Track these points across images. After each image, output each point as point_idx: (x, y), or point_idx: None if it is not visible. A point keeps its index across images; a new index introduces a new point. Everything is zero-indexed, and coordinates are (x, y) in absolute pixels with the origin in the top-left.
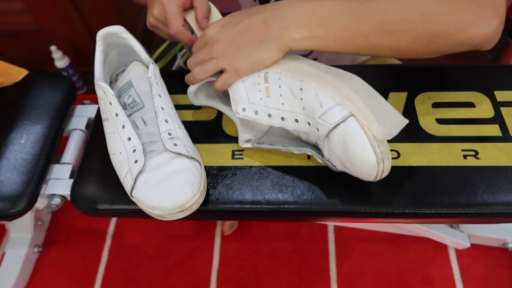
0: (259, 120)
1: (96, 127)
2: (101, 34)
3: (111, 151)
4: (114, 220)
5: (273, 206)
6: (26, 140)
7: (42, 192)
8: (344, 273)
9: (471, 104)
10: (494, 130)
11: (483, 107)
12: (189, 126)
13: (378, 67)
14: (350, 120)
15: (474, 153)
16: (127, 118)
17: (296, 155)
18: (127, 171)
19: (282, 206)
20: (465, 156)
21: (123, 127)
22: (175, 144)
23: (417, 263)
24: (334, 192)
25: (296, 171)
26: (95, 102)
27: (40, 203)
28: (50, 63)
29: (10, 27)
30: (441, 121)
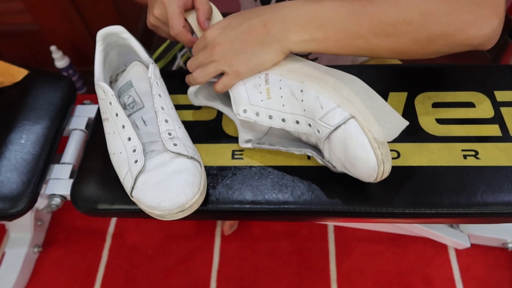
0: (260, 122)
1: (96, 127)
2: (101, 34)
3: (111, 151)
4: (114, 220)
5: (273, 206)
6: (26, 140)
7: (42, 192)
8: (344, 273)
9: (471, 104)
10: (494, 130)
11: (483, 107)
12: (189, 126)
13: (378, 67)
14: (350, 122)
15: (474, 153)
16: (127, 118)
17: (296, 155)
18: (127, 171)
19: (282, 206)
20: (465, 156)
21: (123, 127)
22: (175, 144)
23: (417, 263)
24: (334, 192)
25: (296, 171)
26: (95, 102)
27: (40, 203)
28: (50, 63)
29: (10, 27)
30: (441, 121)
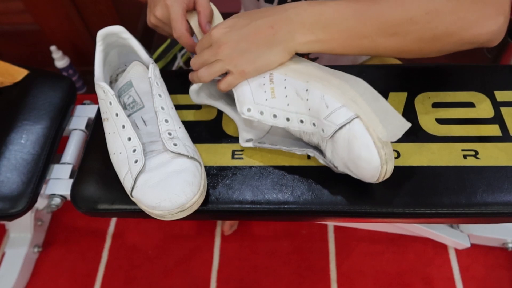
0: (264, 121)
1: (96, 127)
2: (101, 34)
3: (111, 151)
4: (114, 220)
5: (273, 206)
6: (26, 140)
7: (42, 192)
8: (344, 273)
9: (471, 104)
10: (494, 130)
11: (483, 107)
12: (189, 126)
13: (378, 67)
14: (355, 121)
15: (474, 153)
16: (127, 118)
17: (296, 155)
18: (127, 171)
19: (282, 206)
20: (465, 156)
21: (123, 127)
22: (175, 144)
23: (417, 263)
24: (334, 192)
25: (296, 171)
26: (95, 102)
27: (40, 203)
28: (50, 63)
29: (10, 27)
30: (441, 121)
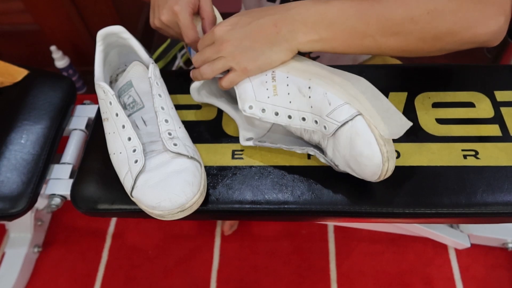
0: (266, 118)
1: (96, 127)
2: (101, 34)
3: (111, 151)
4: (114, 220)
5: (273, 206)
6: (26, 140)
7: (42, 192)
8: (344, 273)
9: (471, 104)
10: (494, 130)
11: (483, 107)
12: (189, 126)
13: (378, 67)
14: (358, 118)
15: (474, 153)
16: (127, 118)
17: (296, 155)
18: (127, 171)
19: (282, 206)
20: (465, 156)
21: (123, 127)
22: (175, 144)
23: (417, 263)
24: (334, 192)
25: (296, 171)
26: (95, 102)
27: (40, 203)
28: (50, 63)
29: (10, 27)
30: (441, 121)
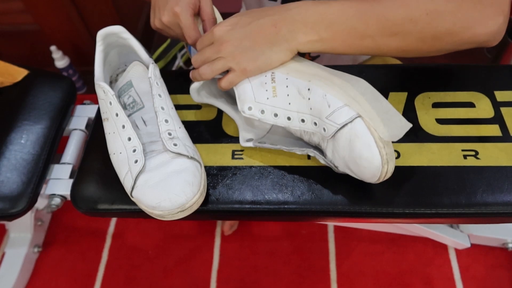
0: (265, 120)
1: (96, 127)
2: (101, 34)
3: (111, 151)
4: (114, 220)
5: (273, 206)
6: (26, 140)
7: (42, 192)
8: (344, 273)
9: (471, 104)
10: (494, 130)
11: (483, 107)
12: (189, 126)
13: (378, 67)
14: (357, 121)
15: (474, 153)
16: (127, 118)
17: (296, 155)
18: (127, 171)
19: (282, 206)
20: (465, 156)
21: (123, 127)
22: (175, 144)
23: (417, 263)
24: (334, 192)
25: (296, 171)
26: (95, 102)
27: (40, 203)
28: (50, 63)
29: (10, 27)
30: (441, 121)
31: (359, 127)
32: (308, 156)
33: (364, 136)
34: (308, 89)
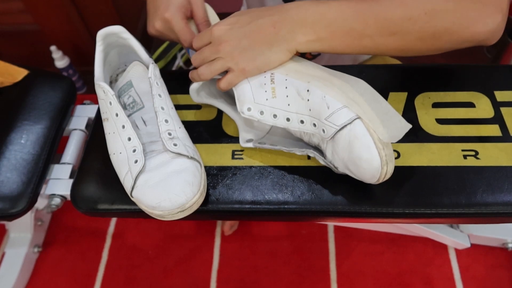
0: (264, 121)
1: (96, 127)
2: (101, 34)
3: (111, 151)
4: (114, 220)
5: (273, 206)
6: (26, 140)
7: (42, 192)
8: (344, 273)
9: (471, 104)
10: (494, 130)
11: (483, 107)
12: (189, 126)
13: (378, 67)
14: (356, 122)
15: (474, 153)
16: (127, 118)
17: (296, 155)
18: (127, 171)
19: (282, 206)
20: (465, 156)
21: (123, 127)
22: (175, 144)
23: (417, 263)
24: (334, 192)
25: (296, 171)
26: (95, 102)
27: (40, 203)
28: (50, 63)
29: (10, 27)
30: (441, 121)
31: (359, 128)
32: (308, 156)
33: (363, 137)
34: (307, 90)
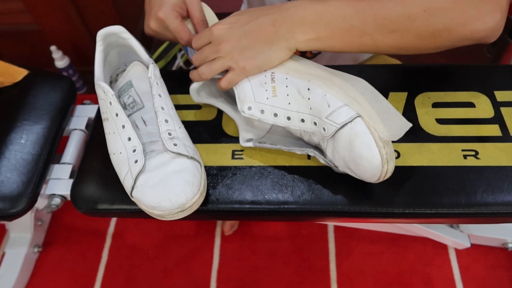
0: (265, 120)
1: (96, 127)
2: (101, 34)
3: (111, 151)
4: (114, 220)
5: (273, 206)
6: (26, 140)
7: (42, 192)
8: (344, 273)
9: (471, 104)
10: (494, 130)
11: (483, 107)
12: (189, 126)
13: (378, 67)
14: (357, 120)
15: (474, 153)
16: (127, 118)
17: (296, 155)
18: (127, 171)
19: (282, 206)
20: (465, 156)
21: (123, 127)
22: (175, 144)
23: (417, 263)
24: (334, 192)
25: (296, 171)
26: (95, 102)
27: (40, 203)
28: (50, 63)
29: (10, 27)
30: (441, 121)
31: (359, 126)
32: (308, 156)
33: (364, 135)
34: (308, 89)
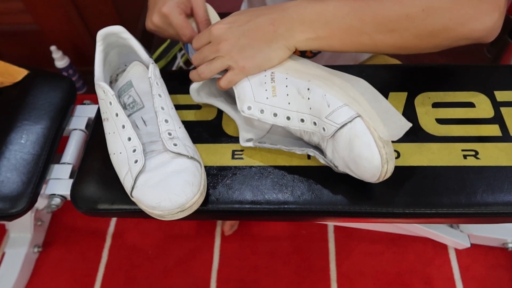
0: (264, 119)
1: (96, 127)
2: (101, 34)
3: (111, 151)
4: (114, 220)
5: (273, 206)
6: (26, 140)
7: (42, 192)
8: (344, 273)
9: (471, 104)
10: (494, 130)
11: (483, 107)
12: (189, 126)
13: (378, 67)
14: (357, 120)
15: (474, 153)
16: (127, 118)
17: (296, 155)
18: (127, 171)
19: (282, 206)
20: (465, 156)
21: (123, 127)
22: (175, 144)
23: (417, 263)
24: (334, 192)
25: (296, 171)
26: (95, 102)
27: (40, 203)
28: (50, 63)
29: (10, 27)
30: (441, 121)
31: (359, 126)
32: (308, 156)
33: (363, 135)
34: (308, 89)
